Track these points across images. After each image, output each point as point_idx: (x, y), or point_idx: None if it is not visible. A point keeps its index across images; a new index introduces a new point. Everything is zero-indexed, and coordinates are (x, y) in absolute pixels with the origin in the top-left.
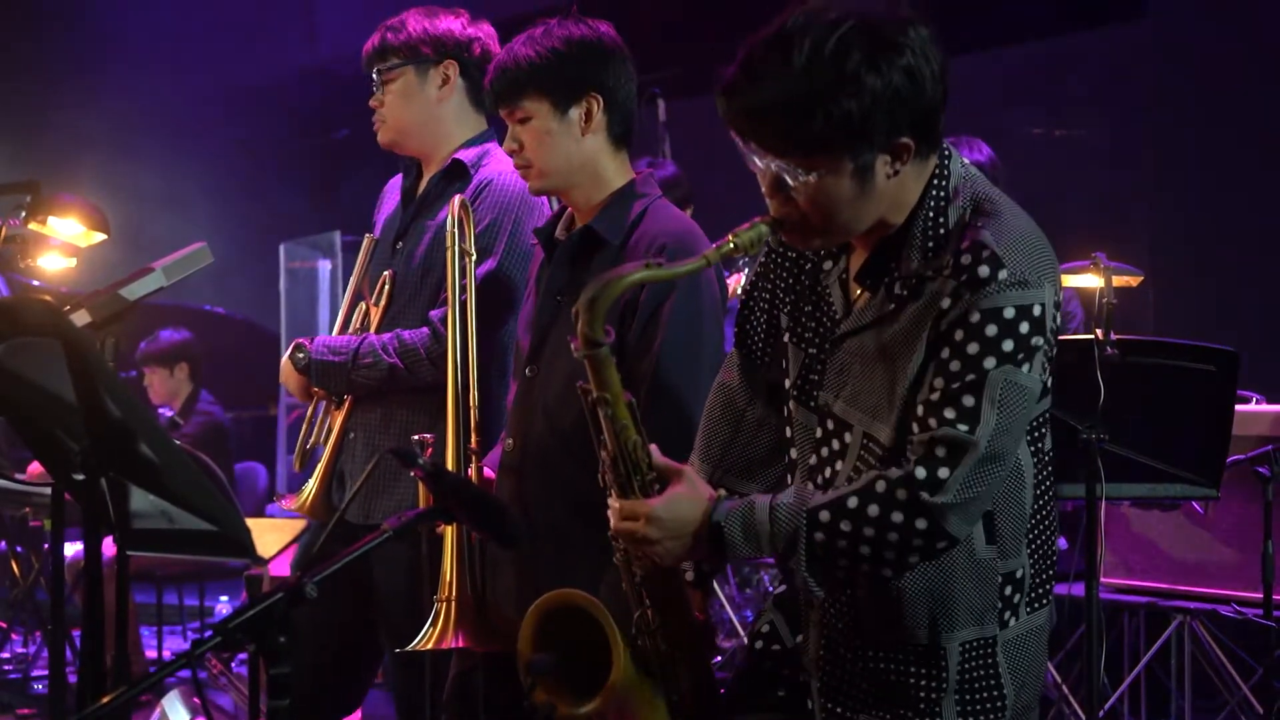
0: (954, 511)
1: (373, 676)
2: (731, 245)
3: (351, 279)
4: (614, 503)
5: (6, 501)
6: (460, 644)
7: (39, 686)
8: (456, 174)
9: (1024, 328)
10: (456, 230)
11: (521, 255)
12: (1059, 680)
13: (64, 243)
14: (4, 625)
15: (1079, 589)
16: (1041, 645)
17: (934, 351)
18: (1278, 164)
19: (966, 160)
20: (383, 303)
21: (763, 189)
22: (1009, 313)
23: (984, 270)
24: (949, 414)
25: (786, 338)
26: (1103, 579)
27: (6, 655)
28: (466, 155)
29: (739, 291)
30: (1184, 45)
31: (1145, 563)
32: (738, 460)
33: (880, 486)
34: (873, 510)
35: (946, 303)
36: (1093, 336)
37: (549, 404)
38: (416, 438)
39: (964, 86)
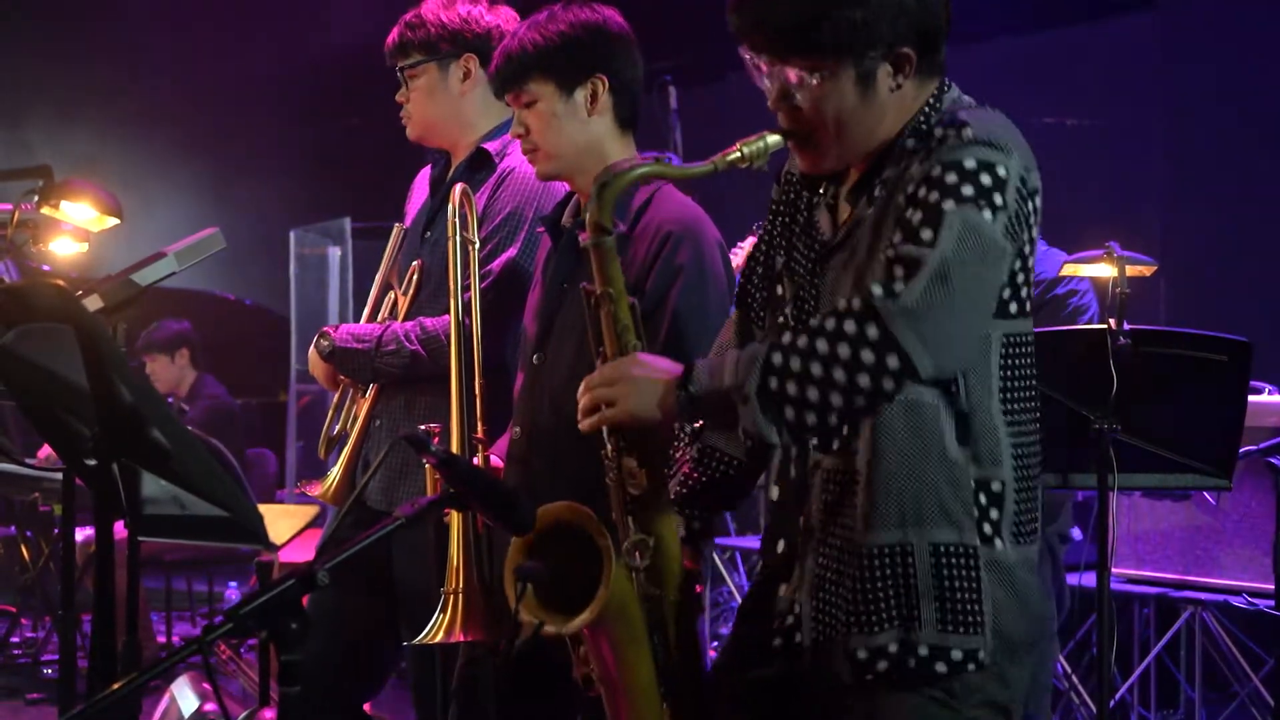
0: (907, 319)
1: (392, 664)
2: (739, 154)
3: (380, 268)
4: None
5: (16, 486)
6: (469, 637)
7: (49, 672)
8: (481, 163)
9: (985, 179)
10: (458, 219)
11: (538, 244)
12: (1068, 670)
13: (76, 228)
14: (14, 610)
15: (1090, 579)
16: (1033, 582)
17: (898, 212)
18: None
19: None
20: (410, 292)
21: (770, 104)
22: (969, 163)
23: (950, 132)
24: (906, 247)
25: (780, 269)
26: (1113, 569)
27: (16, 640)
28: (491, 145)
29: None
30: (1195, 34)
31: (1156, 553)
32: None
33: (840, 305)
34: (829, 324)
35: (914, 170)
36: (1105, 326)
37: (556, 391)
38: (423, 427)
39: (976, 73)
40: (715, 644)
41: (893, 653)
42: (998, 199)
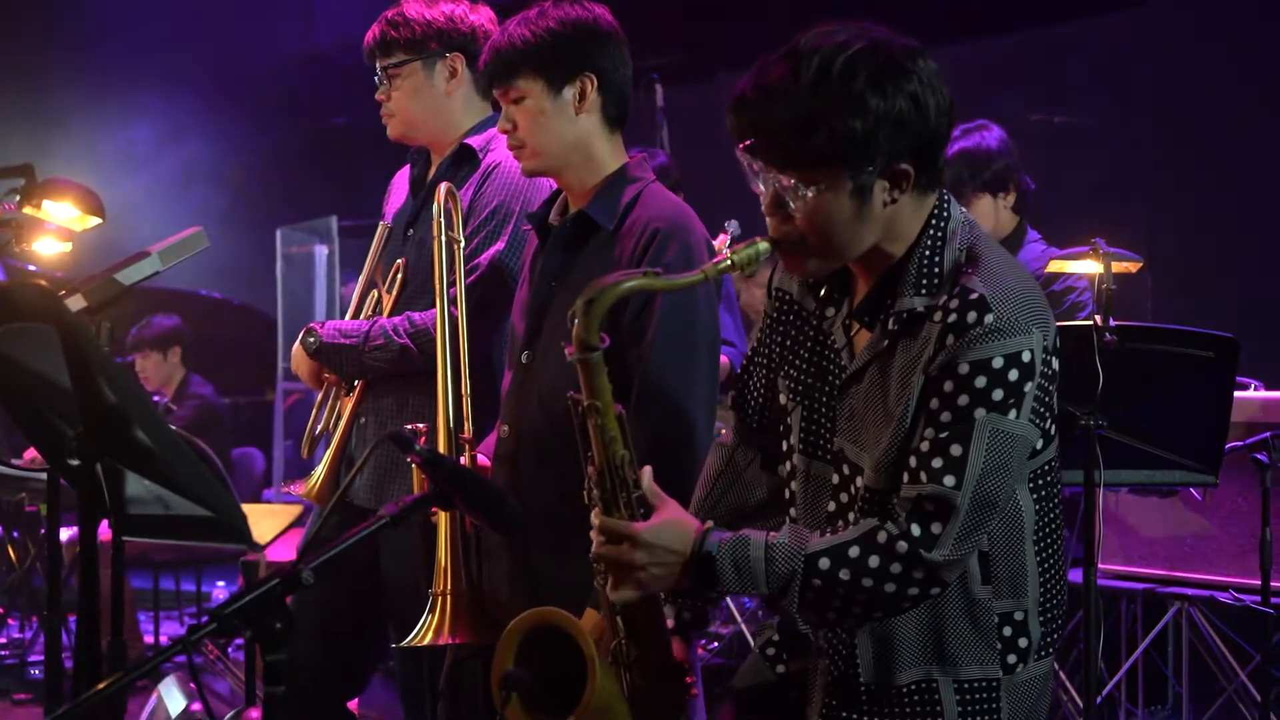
0: (951, 567)
1: (376, 662)
2: (729, 262)
3: (365, 266)
4: (597, 521)
5: (2, 486)
6: (458, 639)
7: (35, 672)
8: (465, 158)
9: (1013, 375)
10: (444, 218)
11: (525, 240)
12: (1056, 667)
13: (59, 227)
14: (0, 610)
15: (1076, 575)
16: (1046, 691)
17: (923, 400)
18: (1275, 150)
19: (963, 210)
20: (395, 289)
21: (763, 207)
22: (997, 362)
23: (971, 315)
24: (936, 464)
25: (784, 398)
26: (1100, 565)
27: (3, 640)
28: (475, 140)
29: (723, 248)
30: (1183, 32)
31: (1143, 549)
32: (728, 512)
33: (882, 538)
34: (873, 561)
35: (932, 349)
36: (1092, 323)
37: (544, 390)
38: (410, 426)
39: (964, 72)
40: (703, 641)
41: None
42: (1026, 387)
